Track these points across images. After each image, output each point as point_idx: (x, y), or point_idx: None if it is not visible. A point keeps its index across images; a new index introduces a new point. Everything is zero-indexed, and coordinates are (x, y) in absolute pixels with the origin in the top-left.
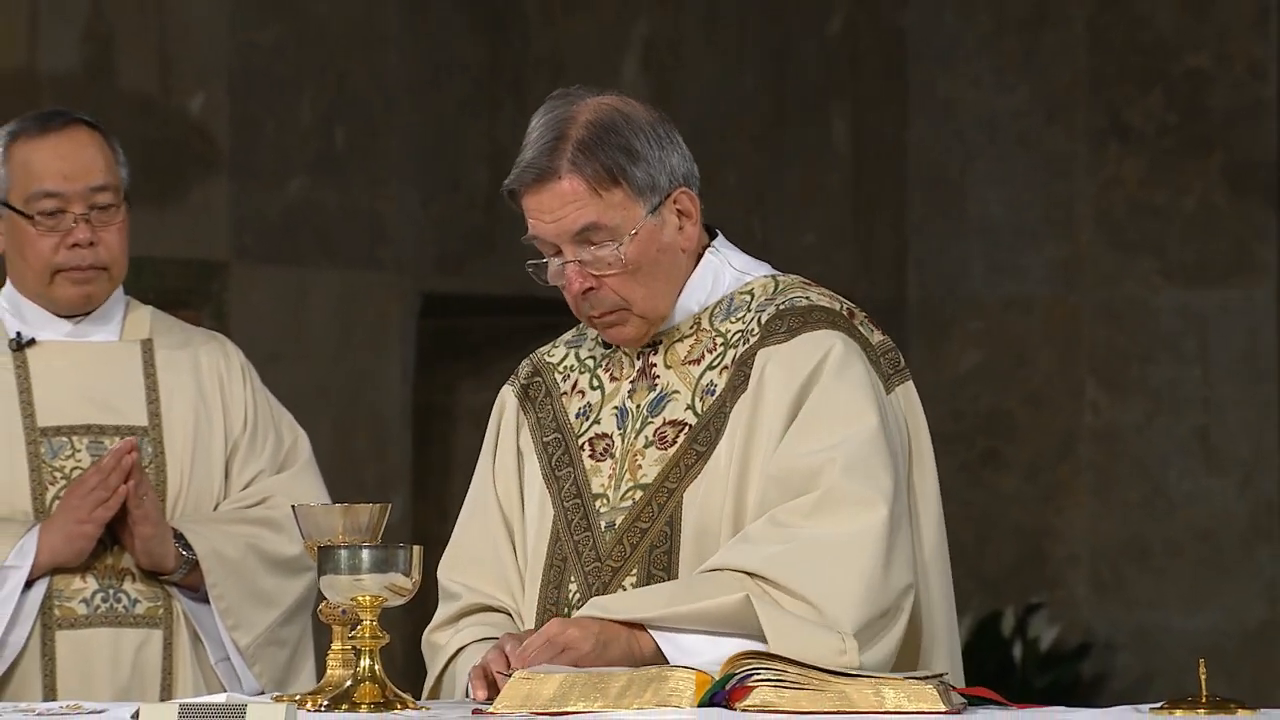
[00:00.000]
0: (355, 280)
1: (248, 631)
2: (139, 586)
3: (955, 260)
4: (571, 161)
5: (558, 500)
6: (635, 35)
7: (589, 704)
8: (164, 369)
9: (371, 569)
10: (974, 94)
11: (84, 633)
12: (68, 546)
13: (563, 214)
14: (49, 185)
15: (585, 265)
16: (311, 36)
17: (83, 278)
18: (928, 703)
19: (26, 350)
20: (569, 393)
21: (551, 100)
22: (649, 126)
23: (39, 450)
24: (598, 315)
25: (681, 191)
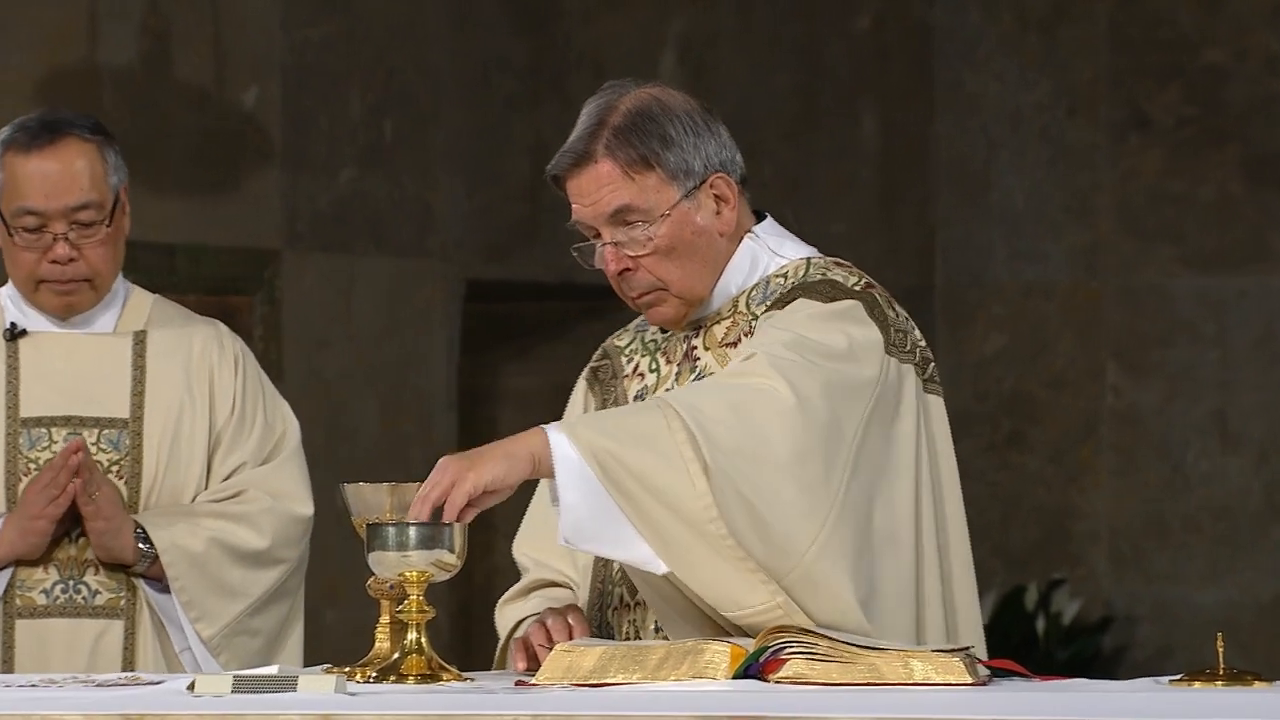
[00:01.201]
0: (403, 267)
1: (212, 623)
2: (100, 578)
3: (979, 248)
4: (606, 146)
5: None
6: (671, 33)
7: (627, 675)
8: (154, 359)
9: (418, 545)
10: (998, 89)
11: (42, 622)
12: (23, 541)
13: (598, 196)
14: (29, 203)
15: (621, 246)
16: (361, 33)
17: (64, 289)
18: (955, 674)
19: (19, 340)
20: (630, 375)
21: (601, 91)
22: (685, 115)
23: (17, 441)
24: (636, 296)
25: (718, 177)
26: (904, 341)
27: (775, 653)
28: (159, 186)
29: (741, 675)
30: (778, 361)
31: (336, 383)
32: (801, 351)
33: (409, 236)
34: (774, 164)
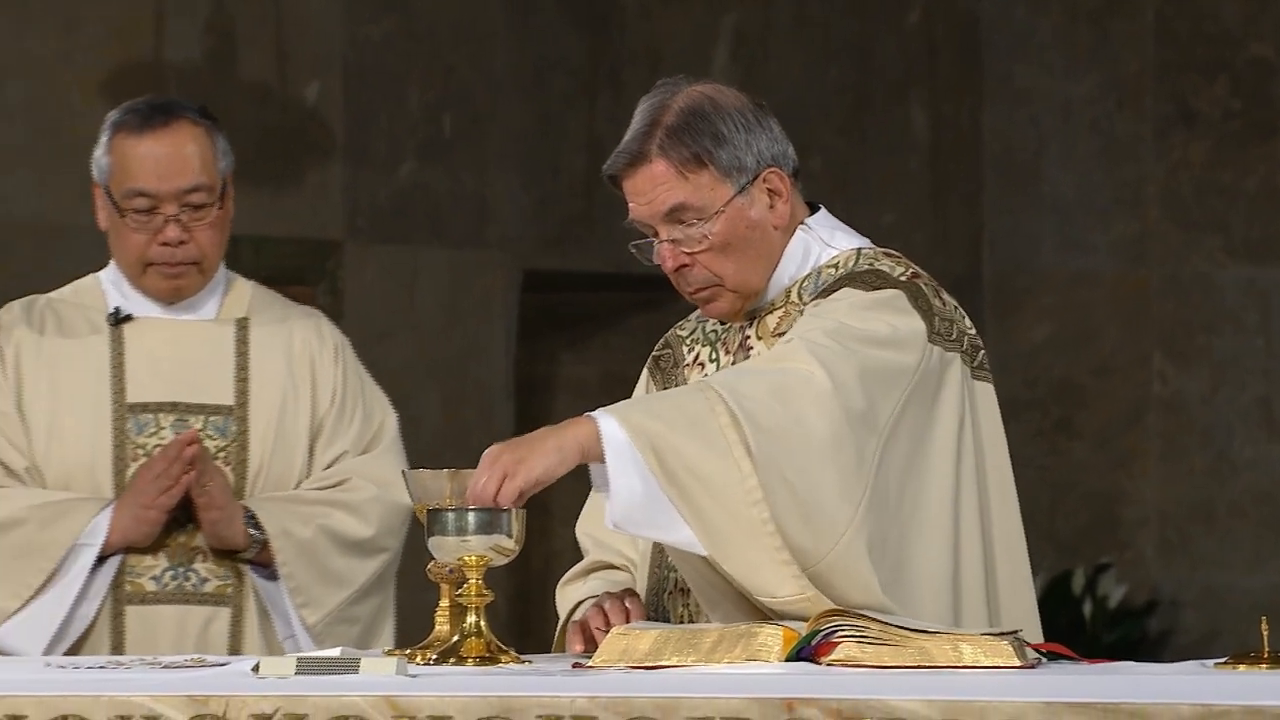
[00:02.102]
0: (462, 259)
1: (316, 610)
2: (209, 565)
3: (1028, 238)
4: (660, 146)
5: None
6: (725, 28)
7: (682, 658)
8: (256, 347)
9: (477, 530)
10: (1047, 82)
11: (152, 608)
12: (135, 529)
13: (653, 195)
14: (142, 185)
15: (677, 244)
16: (421, 31)
17: (173, 272)
18: (1003, 657)
19: (123, 326)
20: (691, 364)
21: (655, 89)
22: (737, 112)
23: (125, 426)
24: (693, 291)
25: (771, 171)
26: (949, 330)
27: (827, 636)
28: None
29: (794, 658)
30: (816, 348)
31: (398, 372)
32: (840, 338)
33: (468, 228)
34: (825, 156)
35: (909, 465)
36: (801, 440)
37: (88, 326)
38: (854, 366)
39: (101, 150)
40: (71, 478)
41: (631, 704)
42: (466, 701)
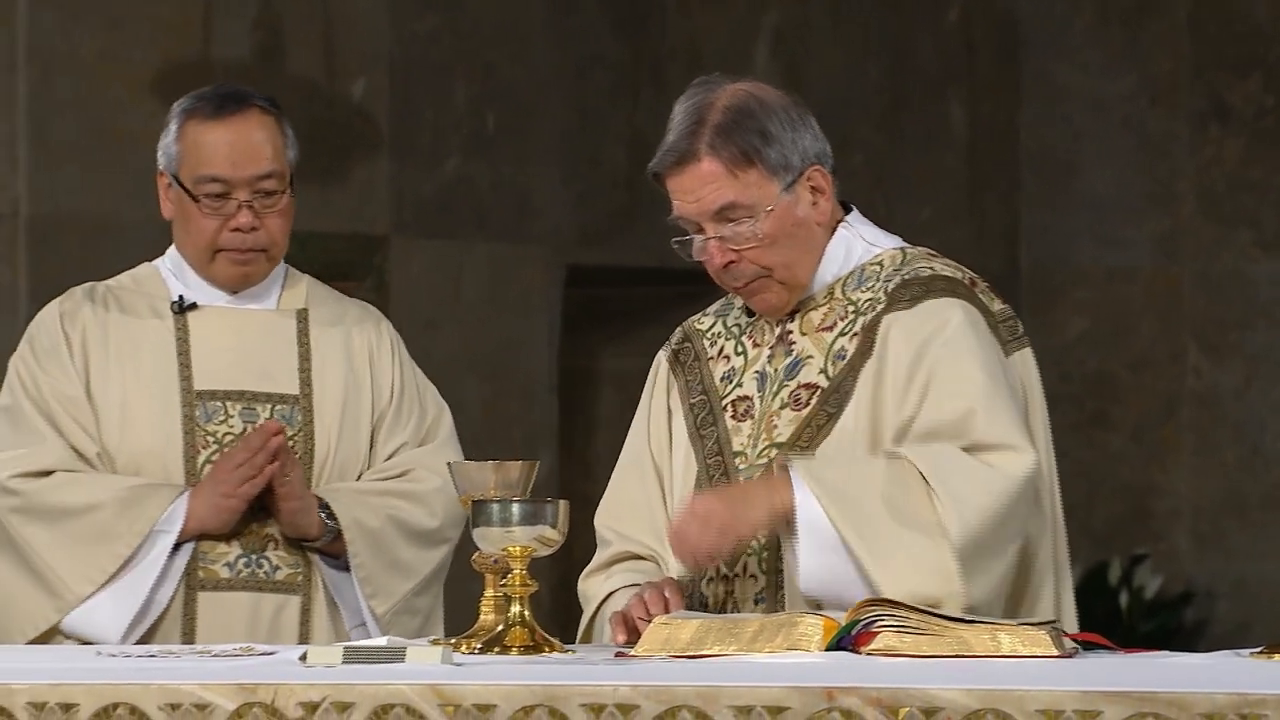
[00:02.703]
0: (506, 253)
1: (385, 600)
2: (281, 553)
3: (1064, 233)
4: (709, 145)
5: (700, 457)
6: (765, 26)
7: (724, 647)
8: (317, 339)
9: (521, 521)
10: (1083, 79)
11: (225, 595)
12: (214, 517)
13: (702, 194)
14: (216, 171)
15: (725, 241)
16: (465, 28)
17: (242, 259)
18: (1041, 647)
19: (187, 314)
20: (715, 358)
21: (693, 87)
22: (782, 110)
23: (194, 414)
24: (740, 285)
25: (814, 169)
26: (1015, 329)
27: (867, 626)
28: None
29: (834, 647)
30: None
31: (442, 365)
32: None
33: (511, 223)
34: (865, 152)
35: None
36: (1004, 537)
37: (151, 314)
38: (1039, 445)
39: (171, 138)
40: (141, 464)
41: (673, 693)
42: (511, 690)
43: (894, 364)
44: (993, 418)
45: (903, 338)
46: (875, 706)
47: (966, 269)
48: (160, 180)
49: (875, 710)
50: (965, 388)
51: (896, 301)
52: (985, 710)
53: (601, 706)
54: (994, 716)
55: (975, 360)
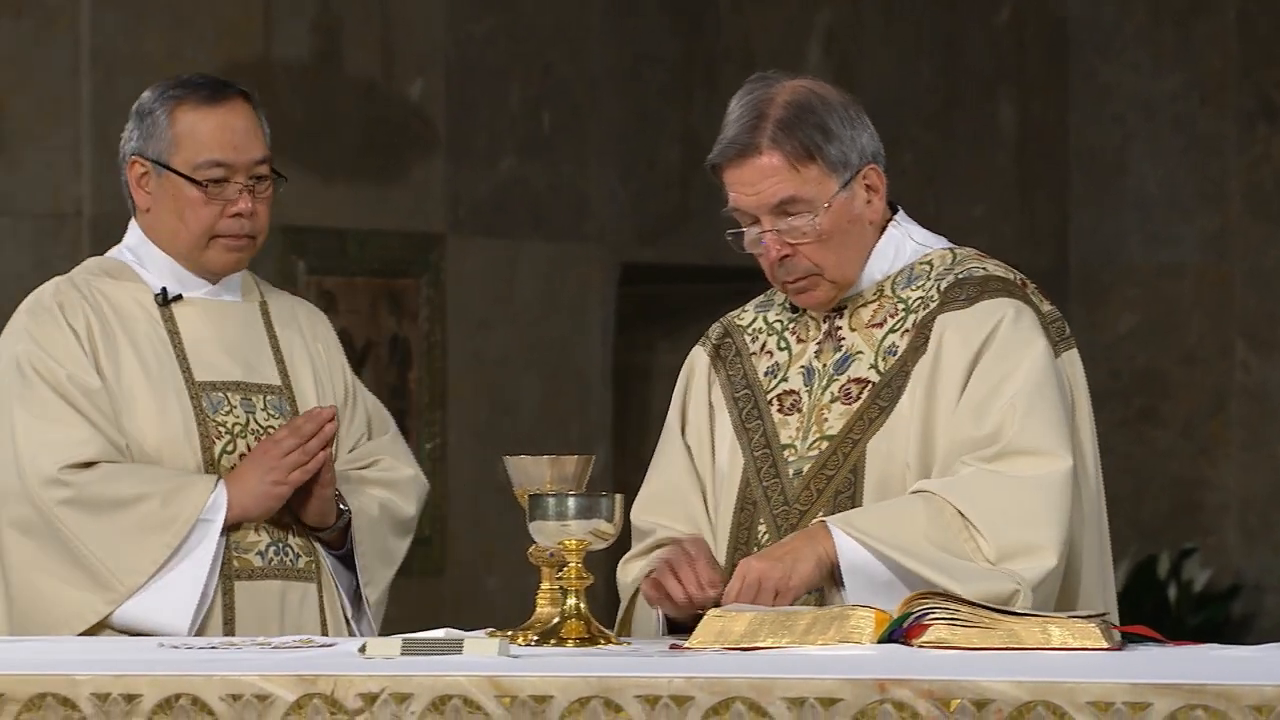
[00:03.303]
0: (560, 251)
1: (375, 588)
2: (299, 540)
3: (1113, 231)
4: (772, 139)
5: (747, 450)
6: (819, 25)
7: (776, 640)
8: (280, 332)
9: (577, 515)
10: (1132, 79)
11: (259, 584)
12: (258, 505)
13: (762, 187)
14: (218, 155)
15: (781, 234)
16: (521, 29)
17: (237, 245)
18: (1091, 640)
19: (172, 306)
20: (758, 353)
21: (750, 83)
22: (841, 107)
23: (201, 405)
24: (791, 280)
25: (870, 168)
26: (1063, 330)
27: (918, 618)
28: (330, 175)
29: (886, 640)
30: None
31: (498, 362)
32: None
33: (566, 222)
34: (916, 150)
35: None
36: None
37: (137, 306)
38: (1078, 451)
39: (159, 126)
40: (162, 456)
41: (727, 684)
42: (567, 682)
43: (949, 362)
44: (1035, 422)
45: (959, 337)
46: (927, 698)
47: (1015, 270)
48: (131, 171)
49: (927, 702)
50: (1012, 390)
51: (951, 301)
52: (1036, 702)
53: (656, 698)
54: (1044, 708)
55: (1027, 362)
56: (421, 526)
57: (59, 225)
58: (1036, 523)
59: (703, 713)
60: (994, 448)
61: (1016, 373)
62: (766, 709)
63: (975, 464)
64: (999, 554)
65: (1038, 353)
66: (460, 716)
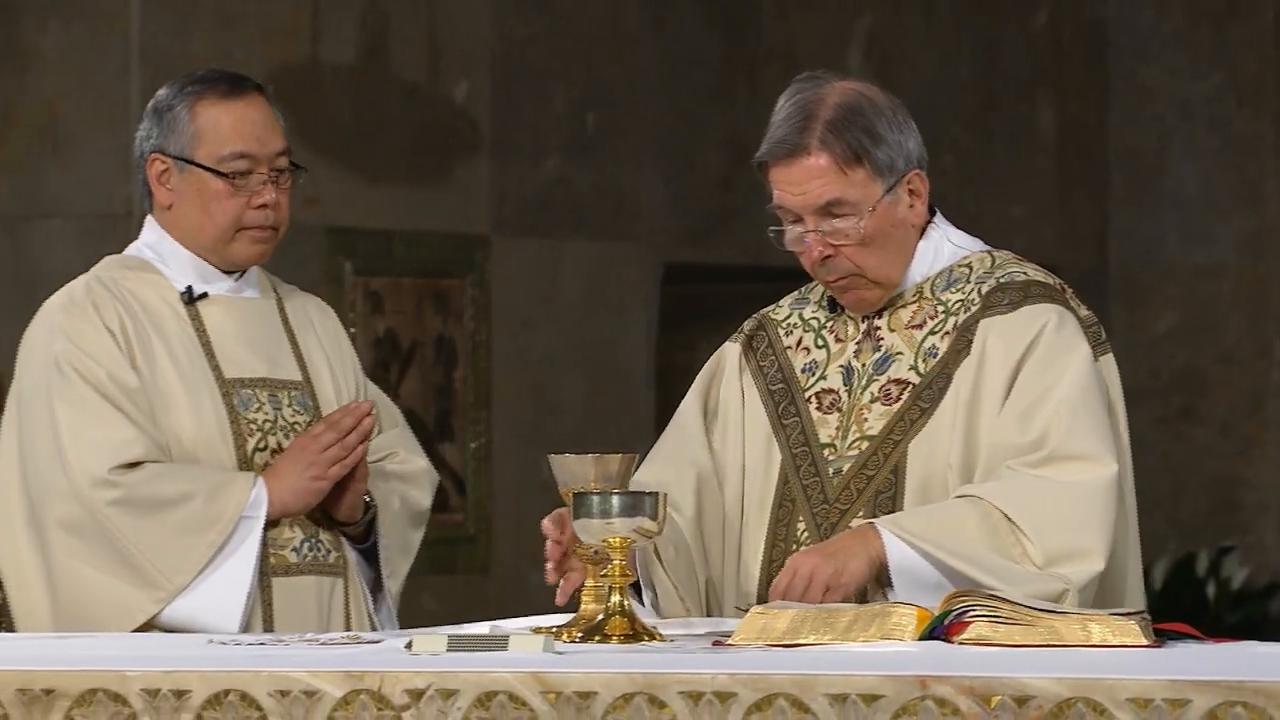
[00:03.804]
0: (604, 251)
1: (396, 580)
2: (328, 536)
3: (1152, 232)
4: (821, 140)
5: (785, 447)
6: (859, 29)
7: (819, 637)
8: (296, 327)
9: (621, 513)
10: (1170, 81)
11: (295, 580)
12: (299, 501)
13: (809, 187)
14: (243, 147)
15: (824, 235)
16: (565, 31)
17: (262, 237)
18: (1131, 637)
19: (197, 303)
20: (794, 348)
21: (798, 83)
22: (889, 111)
23: (232, 402)
24: (833, 280)
25: (915, 173)
26: (1099, 335)
27: (959, 616)
28: (376, 176)
29: (927, 637)
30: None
31: (542, 361)
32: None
33: (610, 222)
34: (955, 152)
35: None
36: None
37: (164, 304)
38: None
39: (181, 121)
40: (196, 454)
41: (770, 681)
42: (611, 678)
43: (993, 367)
44: (1081, 428)
45: (1002, 343)
46: (968, 695)
47: (1052, 274)
48: (151, 168)
49: (968, 699)
50: (1058, 396)
51: (994, 305)
52: (1076, 699)
53: (699, 694)
54: (1085, 705)
55: (1071, 368)
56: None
57: (109, 226)
58: (1083, 528)
59: (745, 709)
60: (1040, 453)
61: (1062, 379)
62: (809, 705)
63: (1021, 469)
64: (1046, 558)
65: (1081, 358)
66: (505, 712)
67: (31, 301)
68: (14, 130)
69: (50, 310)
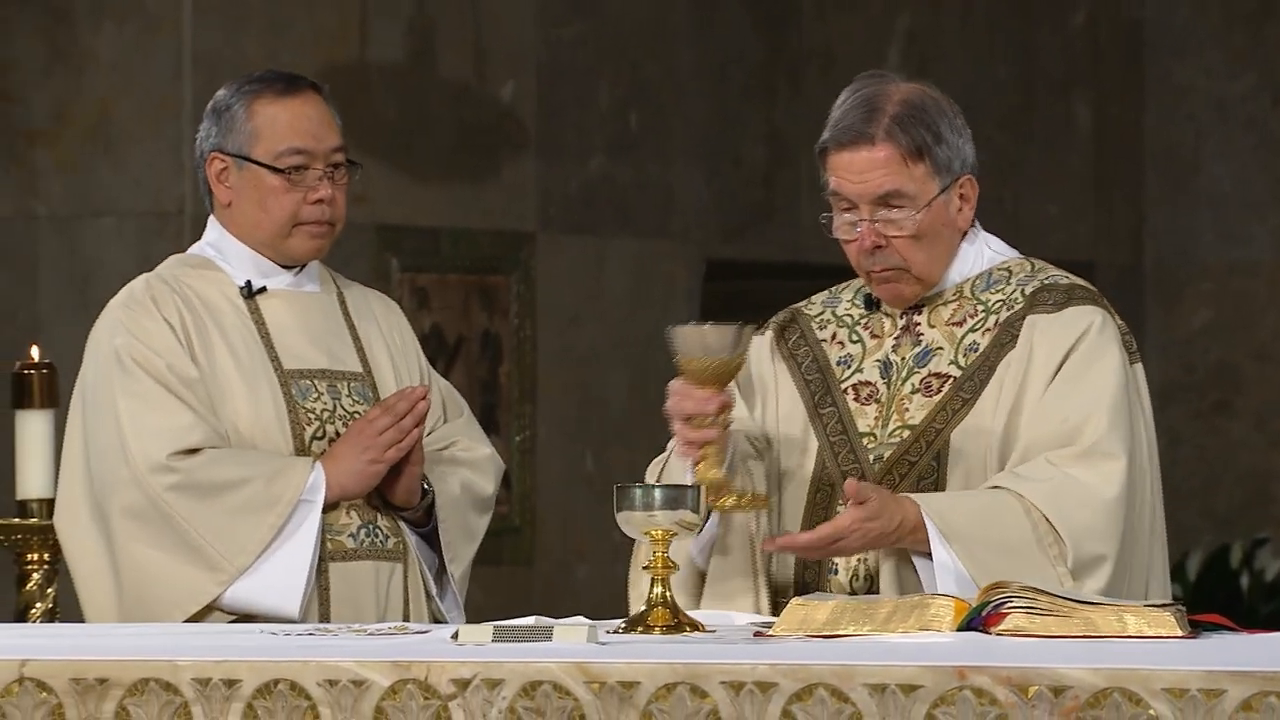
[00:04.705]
0: (647, 248)
1: (460, 564)
2: (386, 521)
3: (1187, 229)
4: (887, 131)
5: (822, 434)
6: (898, 29)
7: (858, 628)
8: (357, 321)
9: (663, 506)
10: (1205, 81)
11: (352, 565)
12: (357, 484)
13: (870, 177)
14: (300, 143)
15: (877, 226)
16: (609, 31)
17: (319, 232)
18: (1166, 628)
19: (256, 298)
20: (828, 341)
21: (863, 78)
22: (951, 114)
23: (290, 392)
24: (878, 271)
25: (968, 178)
26: (1131, 344)
27: (996, 607)
28: (423, 174)
29: (965, 628)
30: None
31: (587, 356)
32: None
33: (653, 219)
34: (992, 150)
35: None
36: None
37: (224, 298)
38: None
39: (238, 120)
40: (254, 443)
41: (810, 671)
42: (654, 668)
43: (1037, 362)
44: (1109, 427)
45: (1047, 339)
46: (1005, 685)
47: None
48: (210, 167)
49: (1005, 689)
50: (1095, 394)
51: (1040, 304)
52: (1112, 689)
53: (741, 684)
54: (1120, 695)
55: (1108, 369)
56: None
57: (162, 224)
58: (1107, 536)
59: (786, 699)
60: (1076, 447)
61: (1103, 377)
62: (848, 695)
63: (1059, 464)
64: (1076, 563)
65: (1121, 362)
66: (550, 702)
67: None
68: (68, 130)
69: (112, 308)
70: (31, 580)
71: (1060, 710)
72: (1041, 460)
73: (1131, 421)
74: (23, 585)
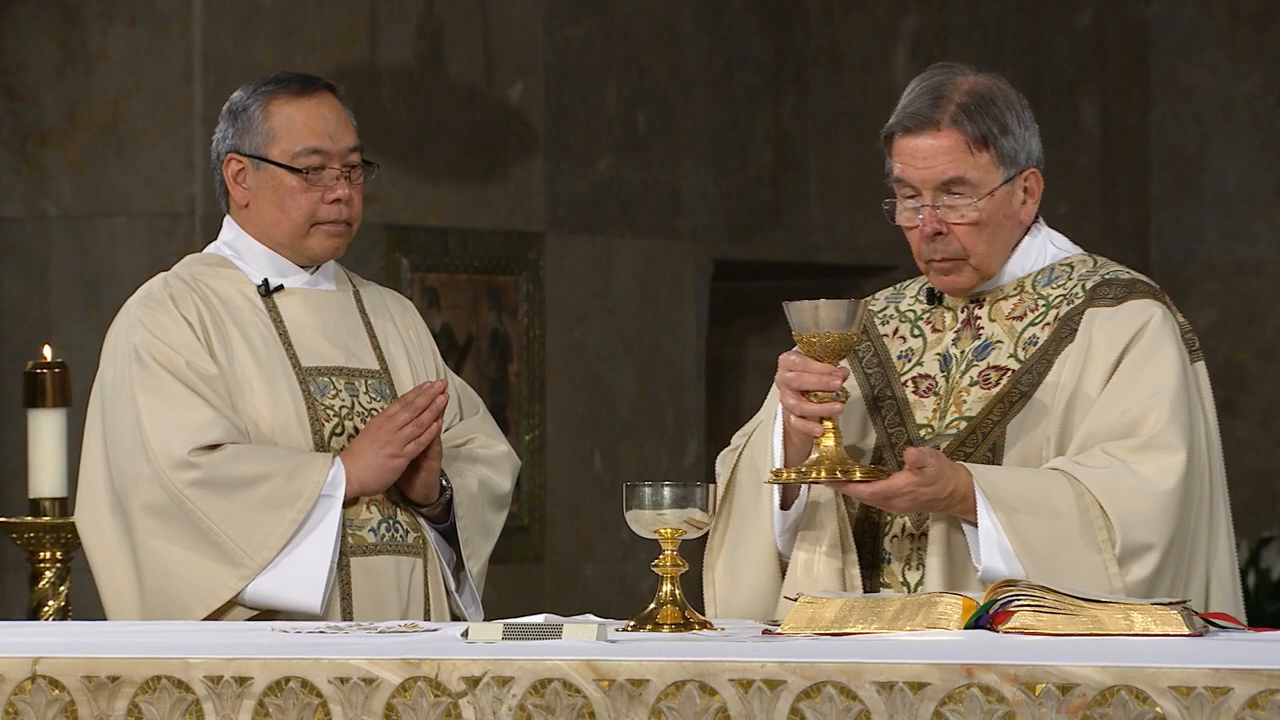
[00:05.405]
0: (655, 248)
1: (478, 560)
2: (406, 516)
3: (1193, 228)
4: (953, 119)
5: (880, 426)
6: (905, 29)
7: (866, 626)
8: (373, 319)
9: (672, 504)
10: (1211, 80)
11: (373, 559)
12: (376, 479)
13: (934, 163)
14: (316, 143)
15: (939, 212)
16: (617, 33)
17: (336, 231)
18: (1173, 626)
19: (274, 296)
20: (889, 335)
21: (932, 69)
22: (1019, 107)
23: (309, 389)
24: (937, 259)
25: (1032, 172)
26: (1193, 342)
27: (1004, 605)
28: (433, 175)
29: (972, 626)
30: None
31: (595, 355)
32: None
33: (660, 220)
34: None
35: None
36: (1177, 537)
37: (241, 297)
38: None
39: (255, 121)
40: (274, 439)
41: (818, 669)
42: (663, 666)
43: (1099, 355)
44: (1168, 420)
45: (1107, 333)
46: (1012, 683)
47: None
48: (227, 168)
49: (1013, 687)
50: (1155, 387)
51: (1100, 298)
52: (1119, 687)
53: (749, 682)
54: (1127, 693)
55: (1168, 363)
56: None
57: (173, 224)
58: (1157, 526)
59: (794, 696)
60: (1135, 439)
61: (1163, 370)
62: (856, 692)
63: (1116, 454)
64: (1123, 550)
65: (1180, 356)
66: (560, 699)
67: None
68: (79, 130)
69: (130, 306)
70: (44, 578)
71: (1067, 708)
72: (1098, 450)
73: (1191, 416)
74: (36, 583)
